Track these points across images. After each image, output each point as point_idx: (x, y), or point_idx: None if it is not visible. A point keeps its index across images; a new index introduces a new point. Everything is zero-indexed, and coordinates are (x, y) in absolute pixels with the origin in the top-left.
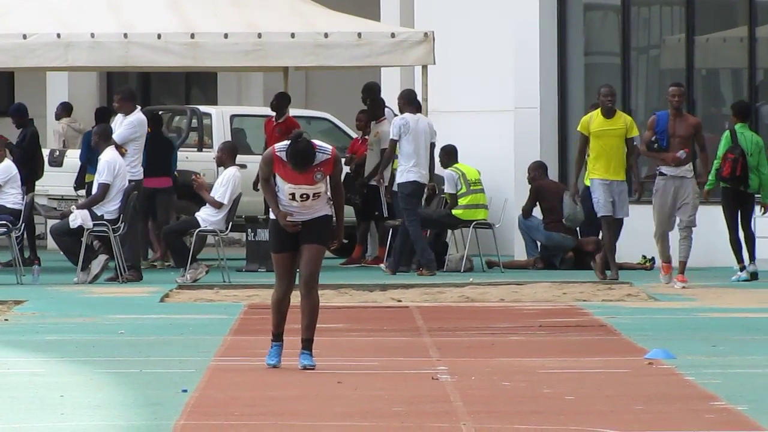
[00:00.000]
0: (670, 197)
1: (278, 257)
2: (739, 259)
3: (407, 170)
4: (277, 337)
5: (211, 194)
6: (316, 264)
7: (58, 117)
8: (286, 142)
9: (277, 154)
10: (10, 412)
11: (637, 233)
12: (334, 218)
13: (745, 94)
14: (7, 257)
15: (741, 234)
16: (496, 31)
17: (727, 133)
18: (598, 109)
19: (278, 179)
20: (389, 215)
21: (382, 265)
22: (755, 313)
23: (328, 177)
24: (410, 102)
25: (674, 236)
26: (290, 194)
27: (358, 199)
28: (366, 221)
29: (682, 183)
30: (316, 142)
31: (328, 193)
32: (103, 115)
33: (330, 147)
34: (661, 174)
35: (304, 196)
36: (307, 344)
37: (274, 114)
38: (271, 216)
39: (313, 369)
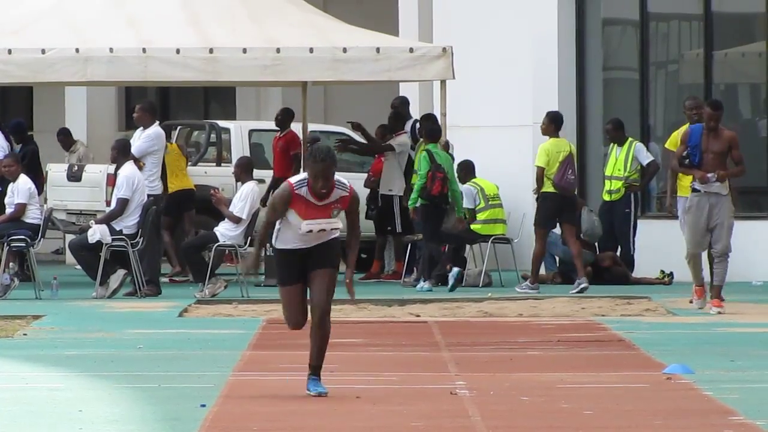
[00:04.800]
0: (704, 215)
1: (286, 290)
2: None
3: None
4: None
5: (230, 209)
6: (329, 292)
7: (66, 146)
8: (302, 176)
9: (296, 192)
10: (29, 427)
11: (655, 248)
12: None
13: (762, 108)
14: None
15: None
16: (515, 46)
17: (424, 153)
18: (686, 125)
19: (293, 217)
20: (402, 230)
21: (403, 280)
22: None
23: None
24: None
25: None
26: (308, 231)
27: (373, 209)
28: (383, 236)
29: (717, 201)
30: (337, 178)
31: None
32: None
33: (348, 184)
34: (695, 190)
35: (322, 231)
36: (316, 371)
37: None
38: (277, 246)
39: (326, 395)
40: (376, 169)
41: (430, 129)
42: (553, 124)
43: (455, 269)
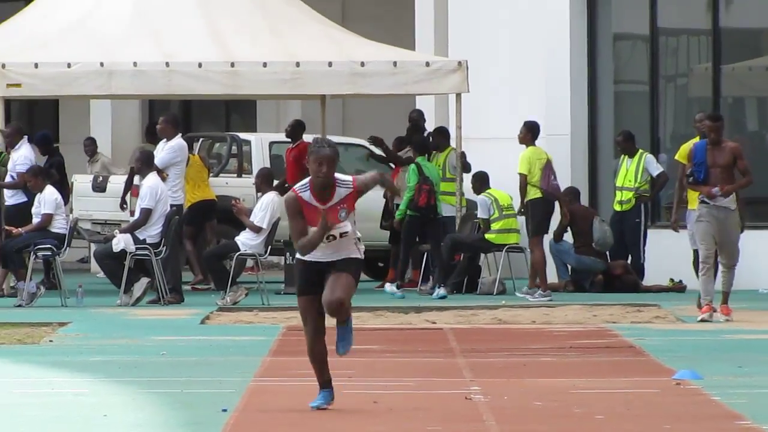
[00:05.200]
0: (713, 227)
1: (304, 300)
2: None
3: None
4: (325, 384)
5: (251, 219)
6: (345, 292)
7: (90, 152)
8: (304, 181)
9: (300, 195)
10: (54, 430)
11: (664, 256)
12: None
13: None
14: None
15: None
16: (528, 60)
17: (413, 166)
18: (697, 137)
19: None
20: (420, 240)
21: (419, 287)
22: None
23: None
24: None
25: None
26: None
27: (389, 220)
28: (398, 245)
29: (726, 215)
30: (338, 175)
31: (357, 234)
32: (153, 135)
33: (351, 178)
34: (703, 203)
35: (331, 237)
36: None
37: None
38: (297, 256)
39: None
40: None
41: (421, 142)
42: (530, 133)
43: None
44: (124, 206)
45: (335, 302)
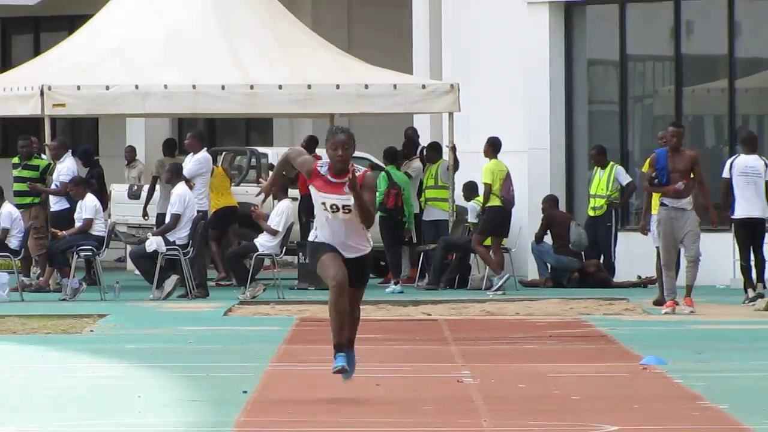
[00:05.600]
0: (672, 226)
1: (327, 256)
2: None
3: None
4: (346, 344)
5: (268, 223)
6: (359, 302)
7: (129, 159)
8: (325, 159)
9: (318, 167)
10: (96, 411)
11: (633, 256)
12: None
13: (725, 137)
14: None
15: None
16: (512, 83)
17: (383, 173)
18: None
19: (313, 191)
20: (416, 242)
21: (416, 283)
22: (736, 325)
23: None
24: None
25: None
26: (322, 203)
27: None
28: (399, 246)
29: (683, 214)
30: (357, 166)
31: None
32: (170, 147)
33: (363, 170)
34: (663, 205)
35: (334, 207)
36: (349, 343)
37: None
38: (309, 238)
39: (348, 375)
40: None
41: (391, 153)
42: (491, 147)
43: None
44: (146, 217)
45: (353, 317)
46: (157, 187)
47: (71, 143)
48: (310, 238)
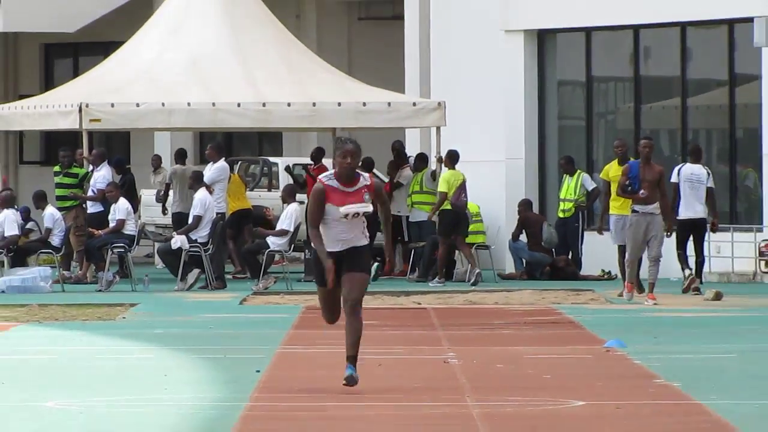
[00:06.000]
0: (642, 230)
1: (322, 290)
2: None
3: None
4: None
5: (278, 224)
6: (359, 290)
7: (155, 166)
8: (329, 172)
9: (327, 183)
10: (128, 387)
11: (597, 252)
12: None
13: (678, 149)
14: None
15: None
16: (492, 101)
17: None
18: (615, 159)
19: (331, 209)
20: (408, 240)
21: (408, 276)
22: (688, 313)
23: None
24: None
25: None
26: (344, 215)
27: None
28: (393, 244)
29: (652, 219)
30: (362, 173)
31: (364, 222)
32: (182, 156)
33: (368, 175)
34: (634, 211)
35: (356, 215)
36: (351, 360)
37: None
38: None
39: (355, 383)
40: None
41: (367, 162)
42: (449, 159)
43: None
44: (165, 211)
45: (353, 301)
46: (171, 191)
47: (106, 154)
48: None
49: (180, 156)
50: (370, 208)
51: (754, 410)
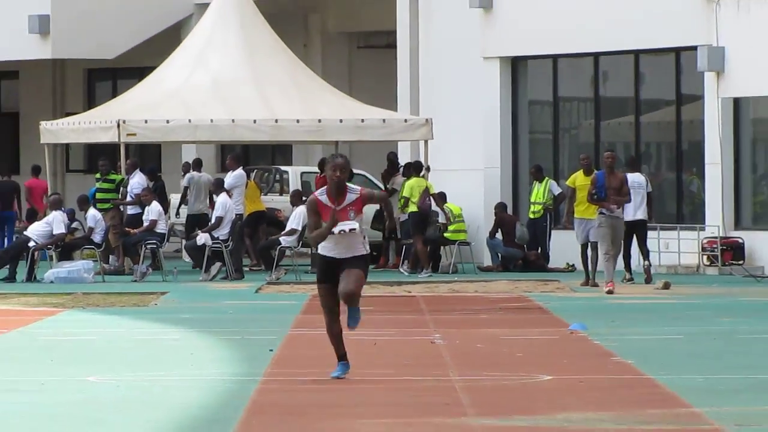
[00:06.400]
0: (609, 230)
1: (321, 287)
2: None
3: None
4: (341, 357)
5: (287, 225)
6: (356, 284)
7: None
8: (322, 188)
9: (319, 198)
10: (159, 364)
11: (562, 249)
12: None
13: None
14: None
15: None
16: (472, 117)
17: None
18: (581, 170)
19: (321, 222)
20: (400, 237)
21: (400, 268)
22: (640, 301)
23: (362, 216)
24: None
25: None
26: (338, 231)
27: (380, 223)
28: (387, 240)
29: (617, 221)
30: (349, 184)
31: (364, 233)
32: (198, 165)
33: (359, 188)
34: (602, 213)
35: (342, 232)
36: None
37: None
38: (319, 251)
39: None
40: None
41: (322, 166)
42: (412, 167)
43: None
44: (178, 215)
45: (348, 293)
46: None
47: (140, 163)
48: (318, 248)
49: (196, 164)
50: (355, 225)
51: (697, 384)
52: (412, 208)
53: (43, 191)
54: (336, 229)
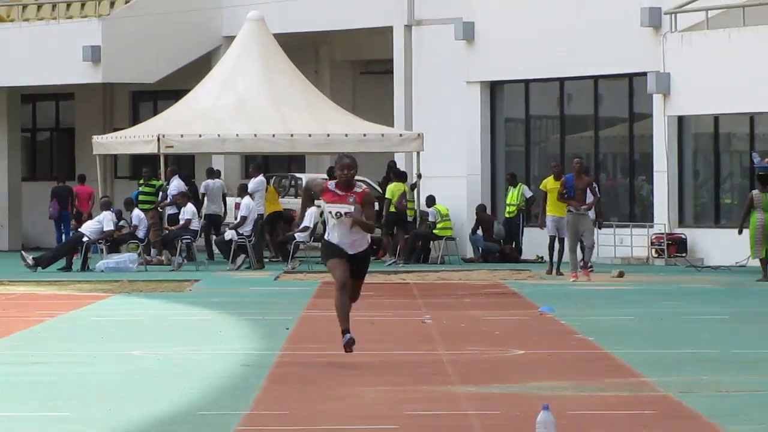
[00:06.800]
0: (576, 226)
1: (334, 261)
2: None
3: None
4: (345, 331)
5: (301, 223)
6: (359, 291)
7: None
8: (333, 181)
9: (328, 185)
10: (193, 340)
11: (533, 243)
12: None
13: (592, 170)
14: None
15: None
16: (457, 132)
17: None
18: (551, 176)
19: (323, 204)
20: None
21: (390, 259)
22: (599, 287)
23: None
24: (397, 175)
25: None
26: (329, 212)
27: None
28: (386, 236)
29: (583, 218)
30: (359, 183)
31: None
32: (212, 174)
33: (364, 187)
34: (570, 211)
35: (338, 213)
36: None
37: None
38: (329, 240)
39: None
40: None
41: (330, 174)
42: (395, 175)
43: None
44: (200, 219)
45: (356, 297)
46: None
47: (176, 170)
48: (325, 237)
49: (210, 173)
50: (350, 209)
51: (647, 357)
52: (392, 209)
53: (88, 196)
54: (332, 210)
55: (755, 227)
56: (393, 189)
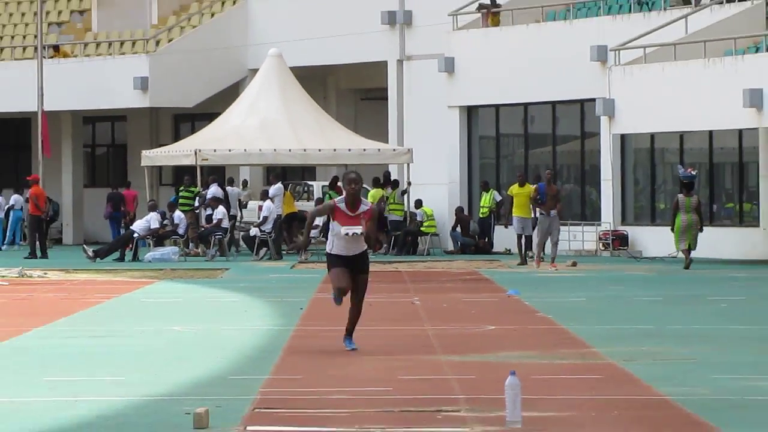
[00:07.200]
0: (546, 226)
1: (335, 270)
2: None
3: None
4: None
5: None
6: (365, 290)
7: (244, 186)
8: (341, 197)
9: (337, 204)
10: (223, 318)
11: (502, 239)
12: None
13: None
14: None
15: None
16: (441, 148)
17: (328, 195)
18: (517, 183)
19: (336, 226)
20: (388, 230)
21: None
22: (557, 275)
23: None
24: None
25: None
26: (345, 233)
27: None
28: (381, 233)
29: (553, 219)
30: (362, 198)
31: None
32: (230, 182)
33: (369, 204)
34: (541, 214)
35: (354, 234)
36: (349, 333)
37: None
38: (331, 252)
39: (355, 350)
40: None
41: (333, 181)
42: (375, 181)
43: None
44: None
45: (361, 295)
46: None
47: (216, 179)
48: (327, 248)
49: (230, 182)
50: (360, 230)
51: (596, 331)
52: None
53: (133, 198)
54: (348, 232)
55: (679, 225)
56: (374, 194)
